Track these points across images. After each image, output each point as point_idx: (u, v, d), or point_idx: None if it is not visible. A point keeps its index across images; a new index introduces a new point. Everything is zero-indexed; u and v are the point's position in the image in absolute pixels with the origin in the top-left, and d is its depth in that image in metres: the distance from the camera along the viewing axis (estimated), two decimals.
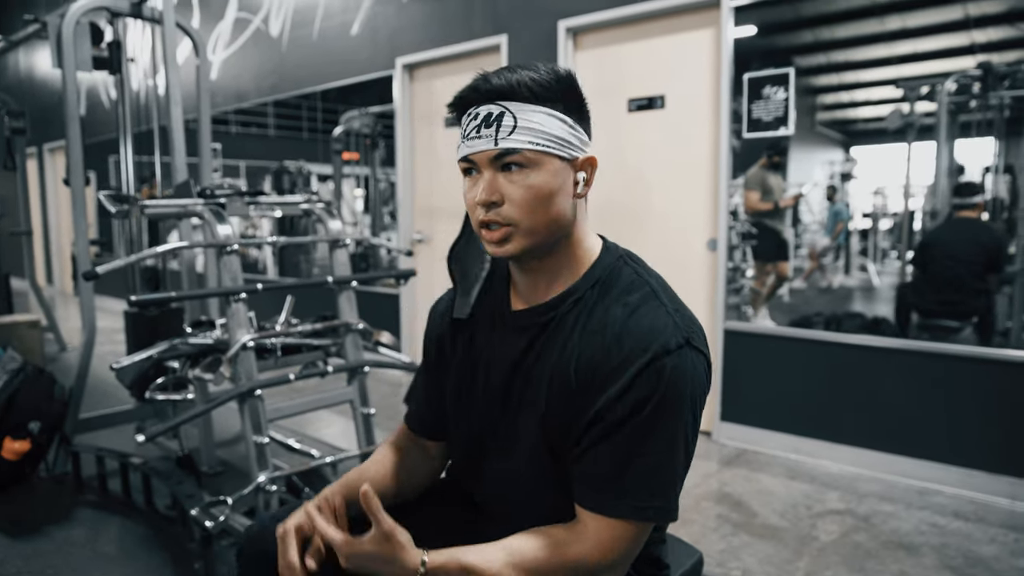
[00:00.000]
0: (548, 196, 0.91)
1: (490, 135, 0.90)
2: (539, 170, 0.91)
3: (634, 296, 0.95)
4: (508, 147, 0.90)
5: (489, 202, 0.92)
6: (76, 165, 2.94)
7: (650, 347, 0.88)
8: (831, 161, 3.31)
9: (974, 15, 2.72)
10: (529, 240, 0.93)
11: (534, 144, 0.90)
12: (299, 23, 5.30)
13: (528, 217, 0.92)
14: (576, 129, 0.94)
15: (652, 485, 0.90)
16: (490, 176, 0.92)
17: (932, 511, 2.56)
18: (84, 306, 2.91)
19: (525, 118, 0.90)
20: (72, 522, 2.49)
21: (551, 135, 0.91)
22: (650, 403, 0.88)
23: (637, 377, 0.88)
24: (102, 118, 7.44)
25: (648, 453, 0.89)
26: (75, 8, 2.94)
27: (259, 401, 2.23)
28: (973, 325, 2.83)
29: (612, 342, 0.91)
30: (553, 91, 0.91)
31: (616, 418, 0.89)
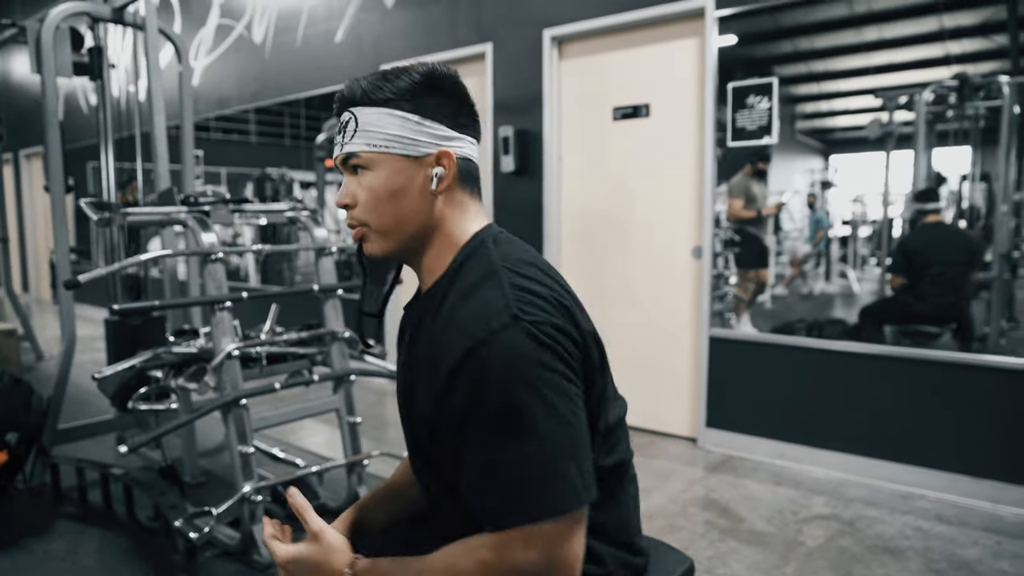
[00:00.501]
0: (389, 196, 0.92)
1: (341, 141, 0.94)
2: (377, 171, 0.92)
3: (471, 278, 0.89)
4: (348, 151, 0.92)
5: (342, 204, 0.95)
6: (56, 172, 2.90)
7: (468, 337, 0.81)
8: (811, 169, 3.35)
9: (949, 27, 2.78)
10: (385, 242, 0.95)
11: (371, 145, 0.91)
12: (282, 30, 5.28)
13: (375, 218, 0.93)
14: (423, 124, 0.91)
15: (531, 482, 0.79)
16: (346, 180, 0.95)
17: (916, 515, 2.59)
18: (64, 315, 2.86)
19: (364, 121, 0.91)
20: (52, 534, 2.44)
21: (388, 135, 0.91)
22: (481, 399, 0.79)
23: (455, 376, 0.81)
24: (80, 124, 7.35)
25: (508, 451, 0.79)
26: (55, 13, 2.90)
27: (244, 410, 2.20)
28: (952, 330, 2.88)
29: (437, 338, 0.87)
30: (399, 90, 0.91)
31: (454, 425, 0.83)
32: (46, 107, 2.89)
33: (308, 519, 0.92)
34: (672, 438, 3.51)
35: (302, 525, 0.96)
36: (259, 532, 2.20)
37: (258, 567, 2.17)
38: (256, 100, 5.62)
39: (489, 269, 0.88)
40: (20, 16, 8.12)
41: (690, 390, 3.46)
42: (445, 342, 0.84)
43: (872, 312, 3.10)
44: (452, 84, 0.95)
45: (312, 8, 5.04)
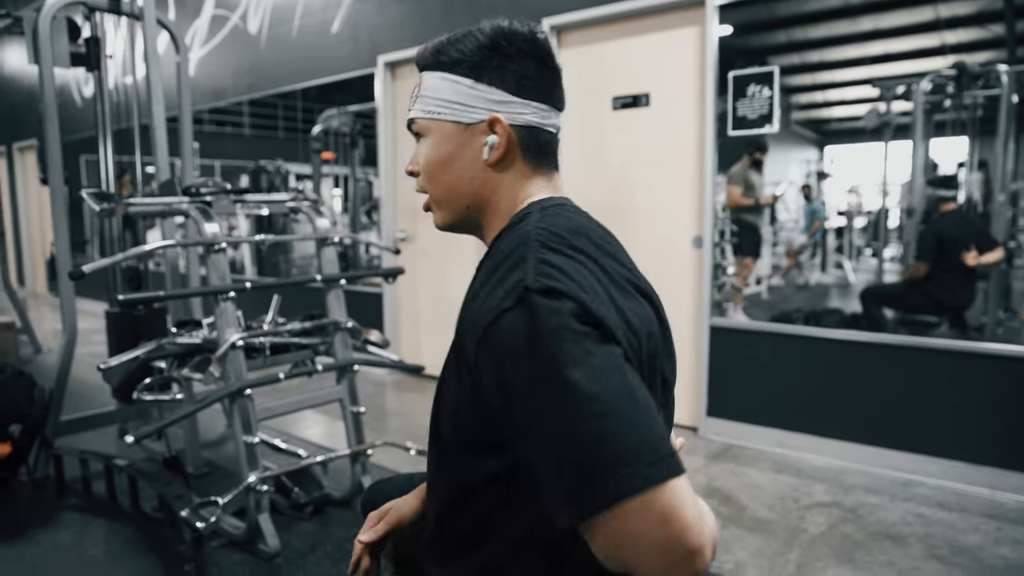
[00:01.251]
0: (440, 164, 0.89)
1: (411, 106, 0.93)
2: (429, 137, 0.90)
3: (501, 254, 0.79)
4: (409, 116, 0.92)
5: (409, 171, 0.94)
6: (55, 164, 2.88)
7: (481, 320, 0.72)
8: (807, 160, 3.36)
9: (945, 16, 2.78)
10: (442, 212, 0.93)
11: (425, 111, 0.89)
12: (278, 20, 5.25)
13: (431, 187, 0.92)
14: (479, 88, 0.85)
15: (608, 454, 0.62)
16: (416, 146, 0.93)
17: (916, 502, 2.61)
18: (65, 307, 2.85)
19: (425, 85, 0.89)
20: (57, 526, 2.45)
21: (441, 100, 0.87)
22: (516, 373, 0.68)
23: (479, 347, 0.72)
24: (74, 116, 7.29)
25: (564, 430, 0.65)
26: (52, 3, 2.88)
27: (249, 401, 2.21)
28: (950, 320, 2.89)
29: (460, 316, 0.79)
30: (459, 53, 0.86)
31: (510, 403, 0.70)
32: (44, 98, 2.86)
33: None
34: (673, 427, 3.53)
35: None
36: (264, 522, 2.21)
37: (264, 556, 2.18)
38: (252, 91, 5.59)
39: (521, 241, 0.78)
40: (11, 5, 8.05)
41: (691, 379, 3.48)
42: (465, 320, 0.77)
43: (882, 297, 3.10)
44: (522, 45, 0.86)
45: None
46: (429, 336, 4.71)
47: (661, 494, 0.61)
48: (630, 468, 0.62)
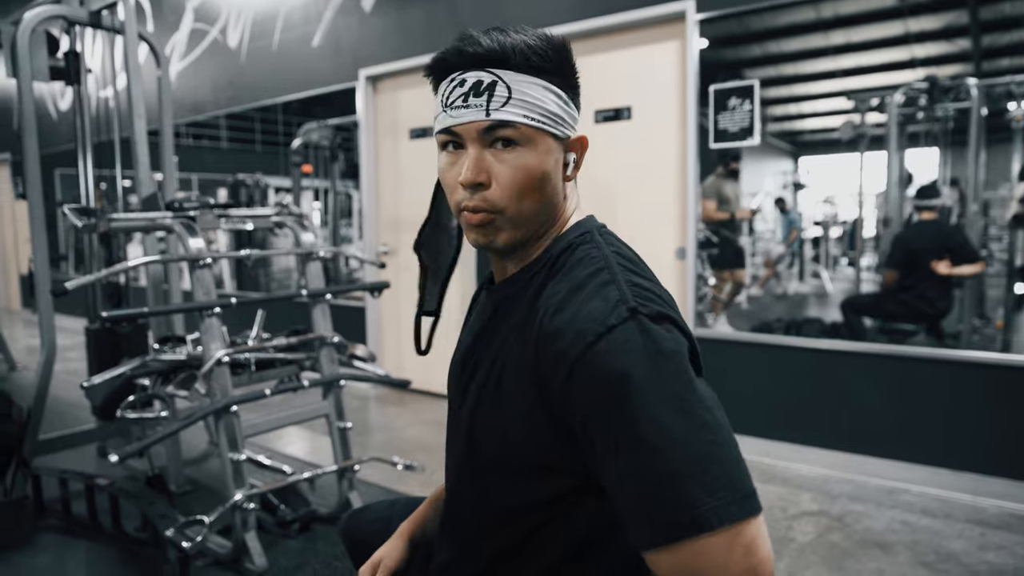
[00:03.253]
0: (540, 179, 0.82)
1: (481, 105, 0.79)
2: (533, 149, 0.81)
3: (583, 271, 0.80)
4: (502, 119, 0.79)
5: (476, 183, 0.80)
6: (34, 179, 2.84)
7: (582, 329, 0.72)
8: (783, 171, 3.42)
9: (914, 31, 2.85)
10: (517, 232, 0.84)
11: (529, 119, 0.80)
12: (258, 34, 5.23)
13: (516, 203, 0.81)
14: (569, 106, 0.85)
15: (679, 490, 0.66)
16: (476, 153, 0.81)
17: (902, 509, 2.64)
18: (43, 324, 2.80)
19: (520, 90, 0.80)
20: (36, 548, 2.39)
21: (547, 110, 0.81)
22: (616, 397, 0.68)
23: (575, 367, 0.71)
24: (49, 129, 7.19)
25: (654, 456, 0.67)
26: (31, 16, 2.85)
27: (235, 417, 2.18)
28: (927, 328, 2.94)
29: (544, 324, 0.76)
30: (549, 61, 0.82)
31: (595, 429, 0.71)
32: (23, 112, 2.83)
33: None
34: None
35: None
36: (251, 540, 2.18)
37: (251, 575, 2.14)
38: (232, 105, 5.56)
39: (600, 263, 0.80)
40: None
41: None
42: (557, 333, 0.74)
43: (861, 307, 3.15)
44: (574, 58, 0.86)
45: (288, 12, 5.00)
46: (412, 350, 4.69)
47: (751, 525, 0.66)
48: (730, 497, 0.66)
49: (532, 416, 0.78)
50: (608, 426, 0.69)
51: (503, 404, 0.82)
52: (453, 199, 0.84)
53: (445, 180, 0.84)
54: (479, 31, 0.82)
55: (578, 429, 0.74)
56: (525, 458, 0.80)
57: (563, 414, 0.75)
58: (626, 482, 0.69)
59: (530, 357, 0.77)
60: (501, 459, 0.83)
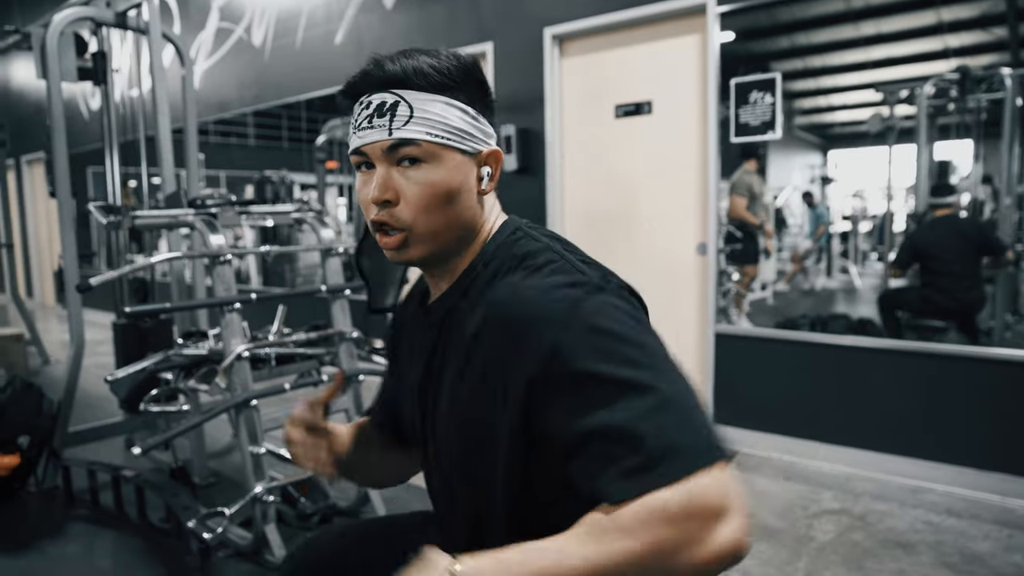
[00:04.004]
0: (447, 194, 0.83)
1: (383, 124, 0.82)
2: (438, 165, 0.83)
3: (538, 259, 0.83)
4: (404, 137, 0.81)
5: (383, 200, 0.82)
6: (63, 177, 2.91)
7: (552, 307, 0.73)
8: (810, 165, 3.36)
9: (947, 20, 2.78)
10: (429, 246, 0.85)
11: (432, 135, 0.82)
12: (282, 32, 5.29)
13: (425, 219, 0.83)
14: (479, 121, 0.86)
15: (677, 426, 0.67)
16: (383, 171, 0.83)
17: (926, 509, 2.59)
18: (72, 318, 2.87)
19: (422, 108, 0.82)
20: (66, 537, 2.45)
21: (451, 126, 0.83)
22: (591, 365, 0.70)
23: (557, 345, 0.71)
24: (80, 129, 7.34)
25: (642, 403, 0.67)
26: (59, 18, 2.91)
27: (255, 411, 2.21)
28: (958, 325, 2.89)
29: (508, 314, 0.77)
30: (453, 79, 0.84)
31: (576, 391, 0.70)
32: (52, 112, 2.89)
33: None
34: None
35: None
36: (271, 532, 2.21)
37: (270, 567, 2.18)
38: (256, 103, 5.63)
39: (550, 252, 0.83)
40: (19, 21, 8.13)
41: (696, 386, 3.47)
42: (535, 303, 0.75)
43: (889, 299, 3.11)
44: (483, 75, 0.89)
45: (311, 10, 5.04)
46: None
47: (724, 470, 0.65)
48: (713, 439, 0.67)
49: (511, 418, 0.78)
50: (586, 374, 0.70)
51: (481, 416, 0.82)
52: (368, 215, 0.85)
53: (359, 199, 0.87)
54: (386, 56, 0.84)
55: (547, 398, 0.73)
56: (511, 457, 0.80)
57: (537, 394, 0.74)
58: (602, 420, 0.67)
59: (501, 353, 0.77)
60: (494, 464, 0.82)
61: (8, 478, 2.65)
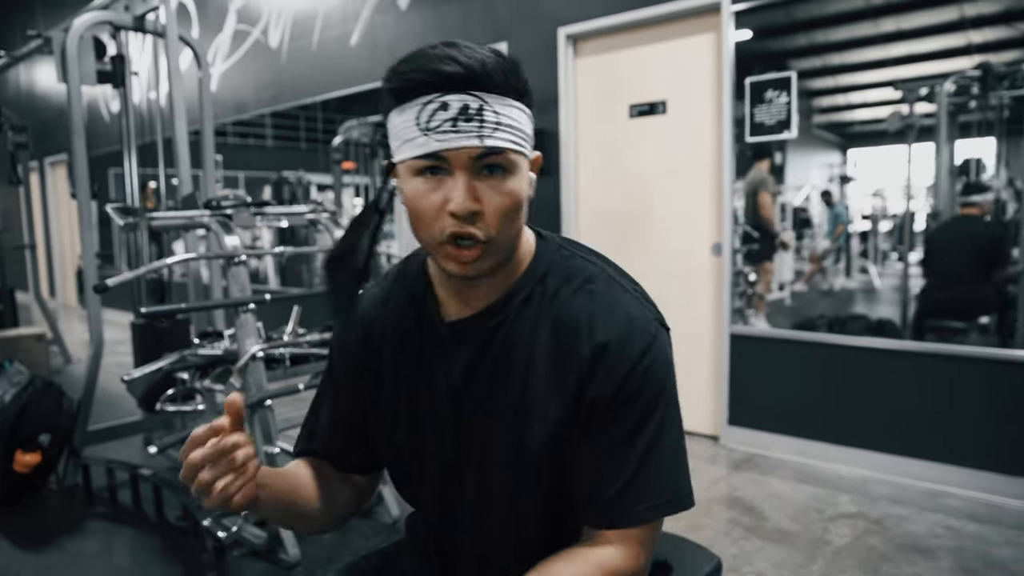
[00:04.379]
0: (521, 205, 0.80)
1: (471, 131, 0.74)
2: (517, 175, 0.79)
3: (597, 285, 0.85)
4: (496, 146, 0.75)
5: (471, 211, 0.76)
6: (82, 179, 2.95)
7: (638, 338, 0.82)
8: (829, 164, 3.32)
9: (970, 16, 2.74)
10: (499, 257, 0.81)
11: (515, 143, 0.77)
12: (298, 34, 5.33)
13: (501, 230, 0.78)
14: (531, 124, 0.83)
15: (665, 479, 0.83)
16: (467, 180, 0.76)
17: (945, 513, 2.56)
18: (91, 318, 2.91)
19: (506, 114, 0.77)
20: (84, 534, 2.49)
21: (525, 133, 0.79)
22: (646, 398, 0.82)
23: (630, 374, 0.81)
24: (102, 131, 7.46)
25: (656, 449, 0.82)
26: (79, 23, 2.95)
27: (269, 411, 2.23)
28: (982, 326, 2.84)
29: (591, 337, 0.82)
30: (521, 81, 0.79)
31: (619, 421, 0.82)
32: (72, 115, 2.94)
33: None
34: (694, 436, 3.50)
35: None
36: (285, 531, 2.23)
37: (284, 565, 2.20)
38: (273, 104, 5.68)
39: (605, 275, 0.88)
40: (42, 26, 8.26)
41: (712, 388, 3.45)
42: (603, 339, 0.81)
43: None
44: None
45: (327, 12, 5.07)
46: None
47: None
48: (688, 488, 0.85)
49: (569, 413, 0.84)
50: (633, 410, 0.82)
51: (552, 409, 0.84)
52: (435, 226, 0.78)
53: (422, 207, 0.78)
54: (453, 52, 0.76)
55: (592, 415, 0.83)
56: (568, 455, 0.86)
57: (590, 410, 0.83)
58: (610, 468, 0.82)
59: (571, 365, 0.83)
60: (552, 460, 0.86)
61: (30, 476, 2.69)
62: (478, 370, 0.87)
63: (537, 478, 0.86)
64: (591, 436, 0.83)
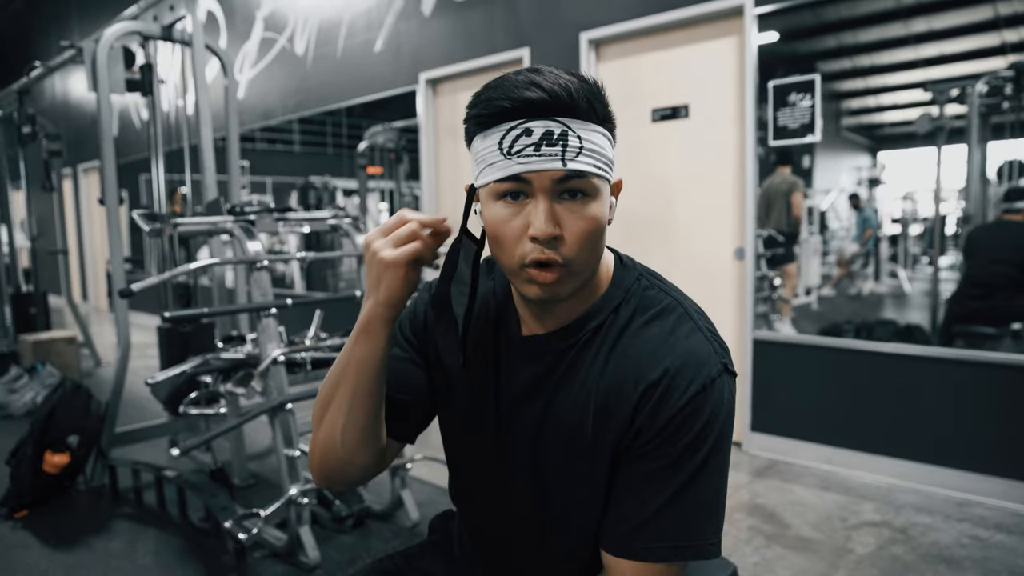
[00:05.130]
0: (602, 230, 0.81)
1: (555, 154, 0.76)
2: (597, 198, 0.79)
3: (668, 319, 0.86)
4: (578, 169, 0.76)
5: (551, 235, 0.76)
6: (111, 185, 3.02)
7: (694, 377, 0.80)
8: (858, 167, 3.28)
9: (1005, 14, 2.68)
10: (578, 281, 0.82)
11: (598, 168, 0.78)
12: (323, 41, 5.39)
13: (582, 255, 0.79)
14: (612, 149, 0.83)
15: (694, 523, 0.81)
16: (548, 204, 0.77)
17: (972, 523, 2.50)
18: (119, 323, 2.97)
19: (588, 139, 0.77)
20: (111, 533, 2.54)
21: (608, 158, 0.80)
22: (692, 436, 0.80)
23: (679, 411, 0.80)
24: (133, 139, 7.61)
25: (692, 489, 0.81)
26: (109, 33, 3.02)
27: (290, 415, 2.26)
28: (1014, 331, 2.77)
29: (649, 370, 0.82)
30: (604, 106, 0.80)
31: (658, 455, 0.81)
32: (101, 123, 3.01)
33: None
34: None
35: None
36: (305, 534, 2.25)
37: (304, 568, 2.22)
38: (299, 110, 5.75)
39: (680, 311, 0.87)
40: (76, 37, 8.46)
41: None
42: (666, 374, 0.81)
43: None
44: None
45: (352, 19, 5.13)
46: None
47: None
48: (717, 538, 0.83)
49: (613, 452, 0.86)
50: (674, 453, 0.81)
51: (606, 432, 0.86)
52: (515, 251, 0.79)
53: (503, 232, 0.79)
54: (538, 78, 0.77)
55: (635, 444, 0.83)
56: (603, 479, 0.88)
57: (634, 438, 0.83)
58: (644, 498, 0.81)
59: (627, 395, 0.83)
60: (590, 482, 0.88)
61: (58, 476, 2.75)
62: (542, 386, 0.90)
63: (584, 494, 0.89)
64: (629, 464, 0.83)
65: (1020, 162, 2.82)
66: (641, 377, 0.82)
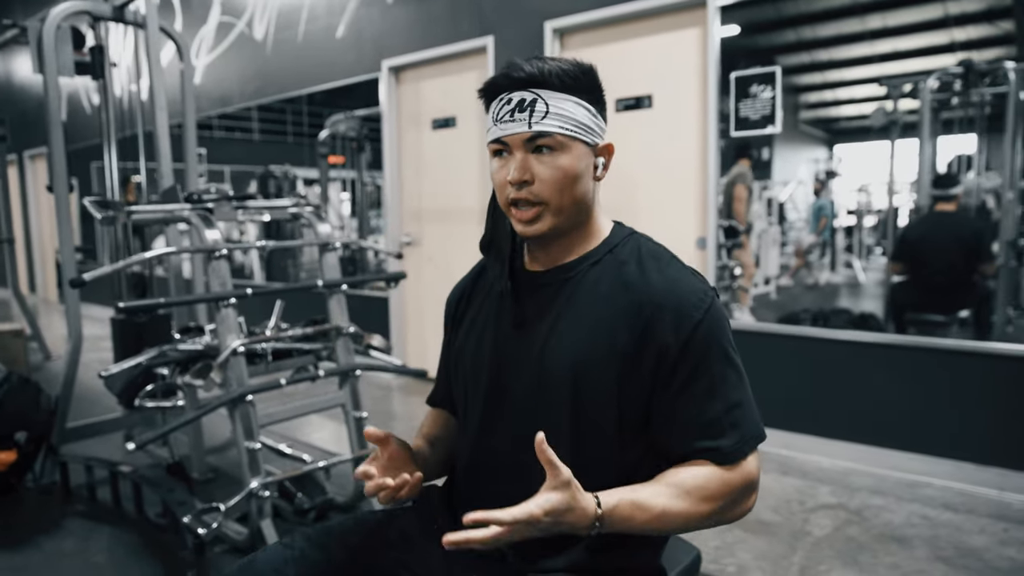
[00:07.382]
0: (574, 178, 0.99)
1: (524, 119, 0.97)
2: (567, 153, 0.99)
3: (661, 260, 1.04)
4: (541, 130, 0.97)
5: (521, 181, 0.98)
6: (60, 172, 2.91)
7: (694, 301, 0.97)
8: (815, 159, 3.34)
9: (954, 13, 2.76)
10: (557, 219, 1.01)
11: (564, 129, 0.98)
12: (283, 26, 5.28)
13: (556, 196, 0.99)
14: (597, 118, 1.02)
15: (752, 416, 1.00)
16: (521, 156, 0.99)
17: (922, 503, 2.58)
18: (70, 314, 2.87)
19: (556, 105, 0.97)
20: (62, 532, 2.46)
21: (578, 122, 0.99)
22: (718, 349, 0.97)
23: (696, 330, 0.96)
24: (83, 124, 7.36)
25: (736, 389, 0.98)
26: (56, 12, 2.90)
27: (250, 407, 2.21)
28: (962, 320, 2.87)
29: (655, 295, 0.98)
30: (580, 82, 0.99)
31: (695, 366, 0.96)
32: (48, 107, 2.89)
33: (559, 468, 0.86)
34: None
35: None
36: (267, 527, 2.21)
37: None
38: (258, 97, 5.62)
39: (670, 254, 1.06)
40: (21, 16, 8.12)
41: None
42: (677, 298, 0.97)
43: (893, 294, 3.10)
44: (600, 81, 1.04)
45: (313, 4, 5.03)
46: (436, 339, 4.71)
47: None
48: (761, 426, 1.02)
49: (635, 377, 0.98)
50: (709, 366, 0.97)
51: (609, 373, 0.98)
52: (503, 195, 1.01)
53: (496, 179, 1.02)
54: (524, 60, 0.99)
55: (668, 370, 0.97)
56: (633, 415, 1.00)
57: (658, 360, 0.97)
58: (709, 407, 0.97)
59: (633, 317, 0.98)
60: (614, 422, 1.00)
61: (4, 474, 2.65)
62: (547, 310, 1.05)
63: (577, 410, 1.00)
64: (683, 388, 0.97)
65: (969, 156, 2.91)
66: (647, 301, 0.98)
